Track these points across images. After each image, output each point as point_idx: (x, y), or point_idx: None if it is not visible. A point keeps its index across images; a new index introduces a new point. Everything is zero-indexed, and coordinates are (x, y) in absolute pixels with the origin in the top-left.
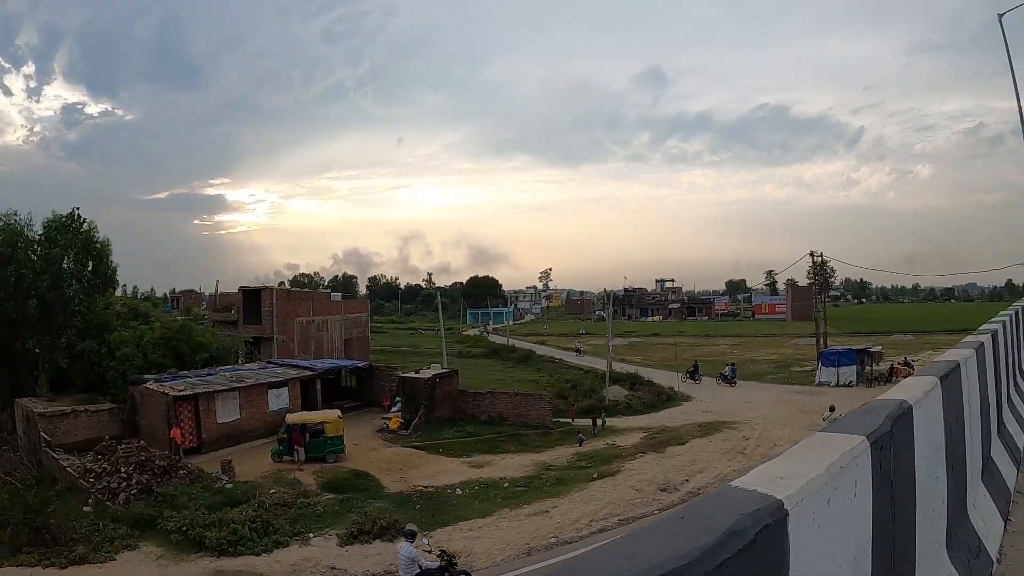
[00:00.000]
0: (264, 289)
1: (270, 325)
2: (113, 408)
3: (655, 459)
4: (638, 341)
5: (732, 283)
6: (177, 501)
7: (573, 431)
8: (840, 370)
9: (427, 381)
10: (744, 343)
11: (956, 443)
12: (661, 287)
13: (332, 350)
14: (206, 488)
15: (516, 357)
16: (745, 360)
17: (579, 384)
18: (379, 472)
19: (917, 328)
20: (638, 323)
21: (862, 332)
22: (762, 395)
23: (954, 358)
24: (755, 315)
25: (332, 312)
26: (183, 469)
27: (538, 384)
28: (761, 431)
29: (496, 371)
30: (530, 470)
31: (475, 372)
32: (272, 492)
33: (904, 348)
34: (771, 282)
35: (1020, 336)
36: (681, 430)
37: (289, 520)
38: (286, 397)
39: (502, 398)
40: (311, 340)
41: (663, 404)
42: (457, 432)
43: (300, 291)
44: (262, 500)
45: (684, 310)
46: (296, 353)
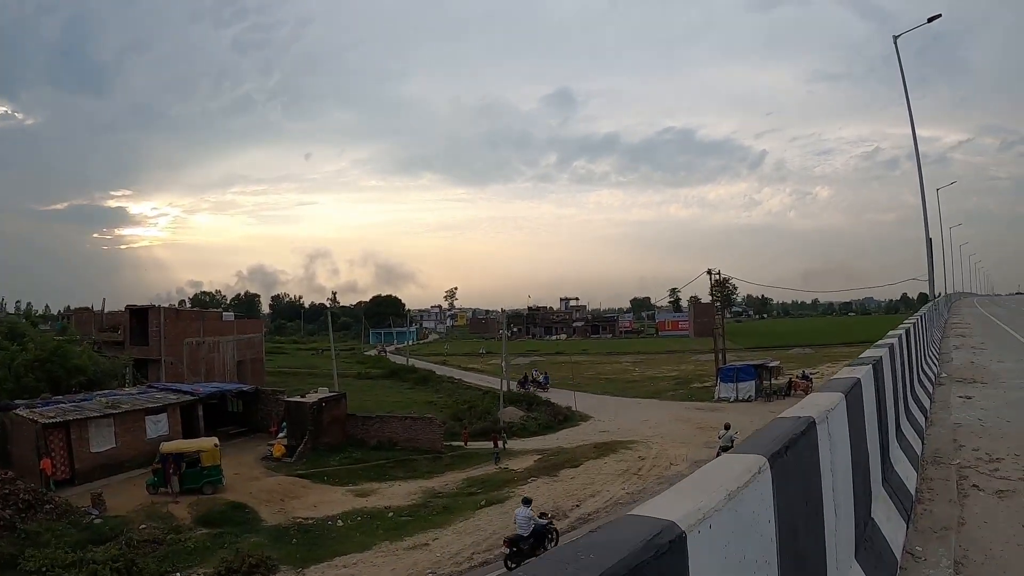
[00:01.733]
0: (151, 308)
1: (158, 346)
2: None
3: (547, 483)
4: (540, 360)
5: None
6: (41, 539)
7: (465, 456)
8: (739, 385)
9: (312, 406)
10: (646, 360)
11: (859, 454)
12: (565, 305)
13: (224, 372)
14: (73, 524)
15: (415, 378)
16: (646, 377)
17: (475, 405)
18: (258, 503)
19: (816, 342)
20: (541, 342)
21: (763, 346)
22: (661, 413)
23: (855, 374)
24: (659, 332)
25: (224, 333)
26: (50, 503)
27: (436, 406)
28: (658, 450)
29: (394, 393)
30: (417, 498)
31: (372, 394)
32: (143, 528)
33: (803, 361)
34: (674, 299)
35: (915, 347)
36: (576, 451)
37: (156, 559)
38: (165, 424)
39: (392, 422)
40: (202, 362)
41: (560, 424)
42: (344, 458)
43: (190, 311)
44: (130, 537)
45: (588, 328)
46: (186, 376)
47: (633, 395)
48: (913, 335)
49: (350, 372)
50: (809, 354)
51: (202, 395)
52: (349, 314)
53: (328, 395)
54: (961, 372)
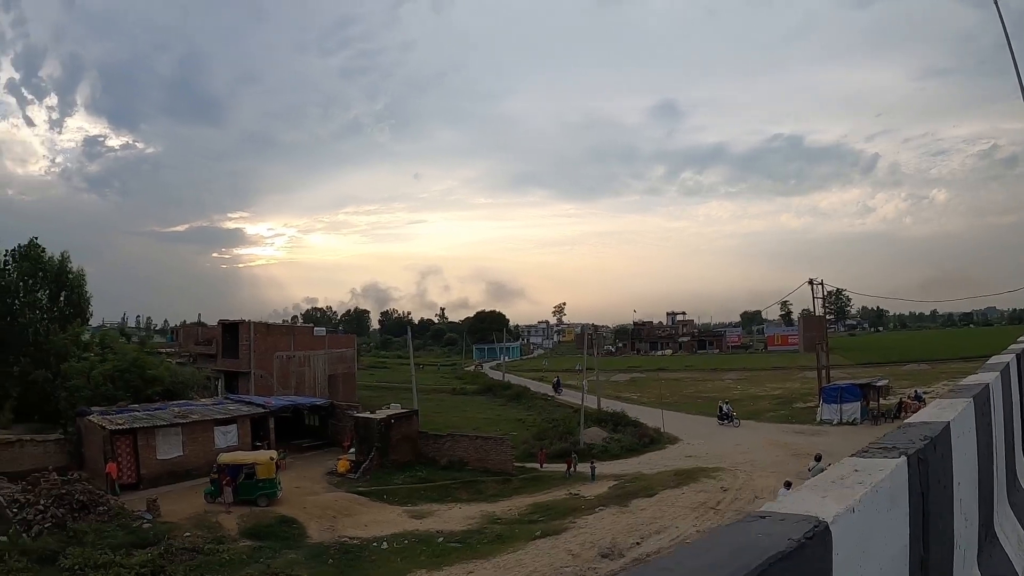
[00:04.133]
0: (241, 323)
1: (247, 359)
2: (60, 439)
3: (614, 514)
4: (640, 376)
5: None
6: (86, 538)
7: (538, 479)
8: (843, 407)
9: (380, 422)
10: (751, 377)
11: (986, 462)
12: (672, 320)
13: (315, 386)
14: (123, 527)
15: (509, 394)
16: (748, 396)
17: (561, 424)
18: (309, 519)
19: (933, 356)
20: (646, 357)
21: (876, 362)
22: (756, 436)
23: (983, 379)
24: (768, 347)
25: (315, 347)
26: (104, 505)
27: (524, 423)
28: (744, 480)
29: (486, 409)
30: (474, 523)
31: (463, 410)
32: (186, 535)
33: (917, 379)
34: (785, 312)
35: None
36: (655, 479)
37: (188, 568)
38: (235, 435)
39: (462, 441)
40: (292, 375)
41: (644, 447)
42: (409, 477)
43: (280, 325)
44: (170, 544)
45: (695, 343)
46: (275, 388)
47: None
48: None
49: (446, 387)
50: (924, 371)
51: (274, 408)
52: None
53: (399, 412)
54: None
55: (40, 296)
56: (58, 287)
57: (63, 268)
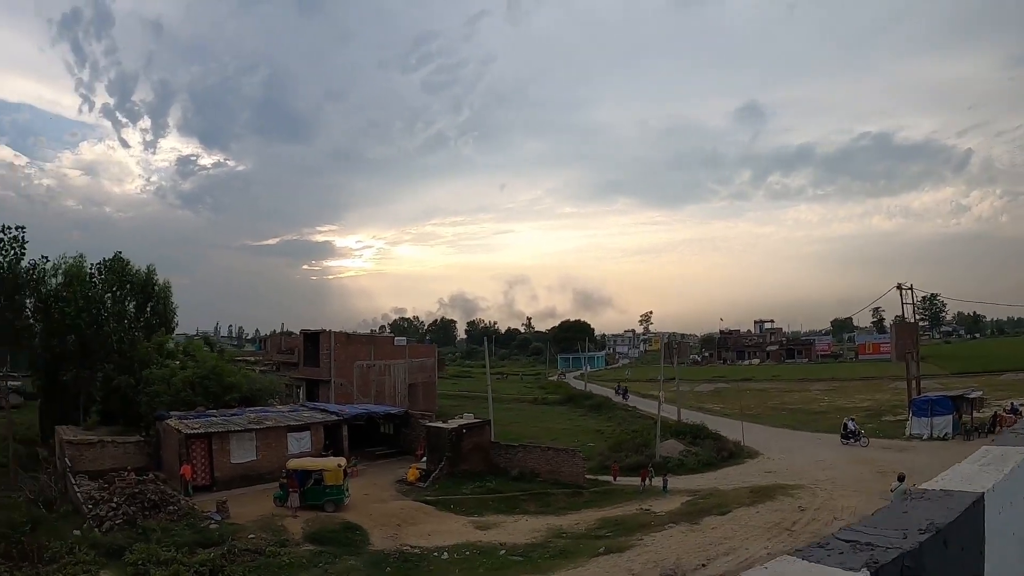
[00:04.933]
0: (322, 333)
1: (327, 368)
2: (140, 441)
3: (684, 532)
4: (725, 387)
5: (838, 322)
6: (153, 536)
7: (610, 492)
8: (934, 420)
9: (451, 432)
10: (839, 387)
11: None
12: (760, 328)
13: (395, 394)
14: (190, 526)
15: (590, 404)
16: (834, 408)
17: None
18: (373, 526)
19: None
20: (732, 367)
21: (972, 371)
22: (840, 451)
23: None
24: (858, 356)
25: (395, 356)
26: (174, 505)
27: (603, 434)
28: (824, 499)
29: (565, 419)
30: (540, 536)
31: (542, 420)
32: (251, 537)
33: (1015, 389)
34: (878, 319)
35: None
36: (729, 495)
37: (246, 568)
38: (308, 441)
39: (534, 452)
40: (372, 384)
41: (722, 462)
42: (478, 487)
43: (361, 335)
44: (234, 545)
45: (783, 352)
46: (355, 396)
47: (814, 429)
48: None
49: (528, 397)
50: (1023, 380)
51: (347, 416)
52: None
53: (471, 422)
54: None
55: (128, 307)
56: (145, 298)
57: (149, 280)
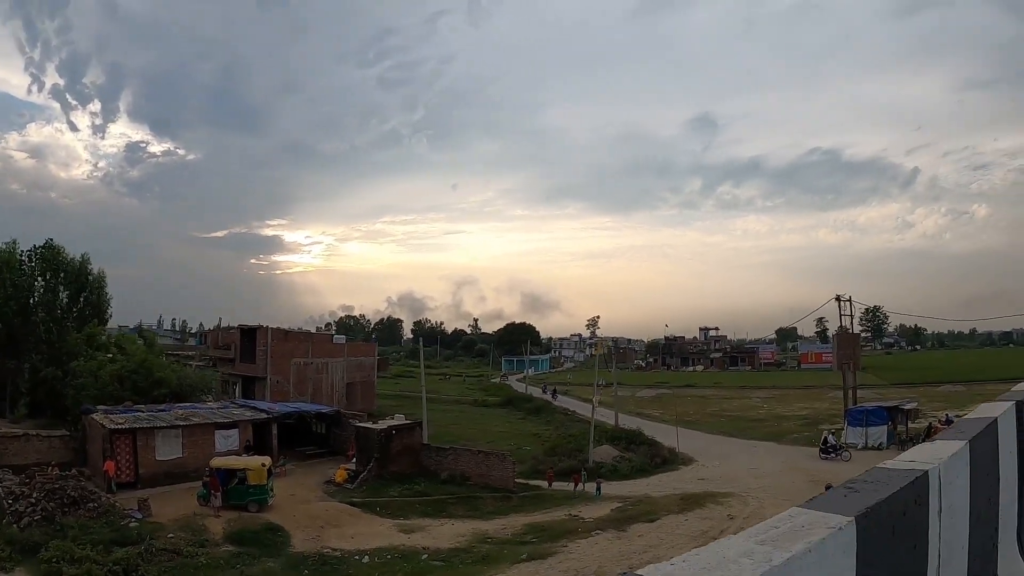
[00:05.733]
0: (259, 328)
1: (263, 365)
2: (65, 435)
3: (610, 539)
4: (666, 393)
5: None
6: (70, 533)
7: (541, 497)
8: (869, 430)
9: (381, 433)
10: (779, 396)
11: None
12: (704, 336)
13: (332, 393)
14: (110, 524)
15: (530, 408)
16: (773, 415)
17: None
18: (296, 527)
19: (971, 377)
20: (676, 373)
21: (910, 382)
22: (776, 459)
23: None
24: (801, 364)
25: (334, 354)
26: (94, 502)
27: (540, 438)
28: (753, 508)
29: (503, 422)
30: (464, 541)
31: (480, 422)
32: (170, 536)
33: (952, 400)
34: (821, 330)
35: None
36: (660, 502)
37: (162, 569)
38: (236, 439)
39: (465, 455)
40: (308, 382)
41: (656, 468)
42: (406, 490)
43: (299, 332)
44: (152, 544)
45: (726, 360)
46: (292, 394)
47: (751, 436)
48: None
49: (469, 399)
50: (960, 392)
51: (277, 414)
52: (488, 341)
53: (401, 423)
54: None
55: (60, 296)
56: (78, 288)
57: (83, 269)
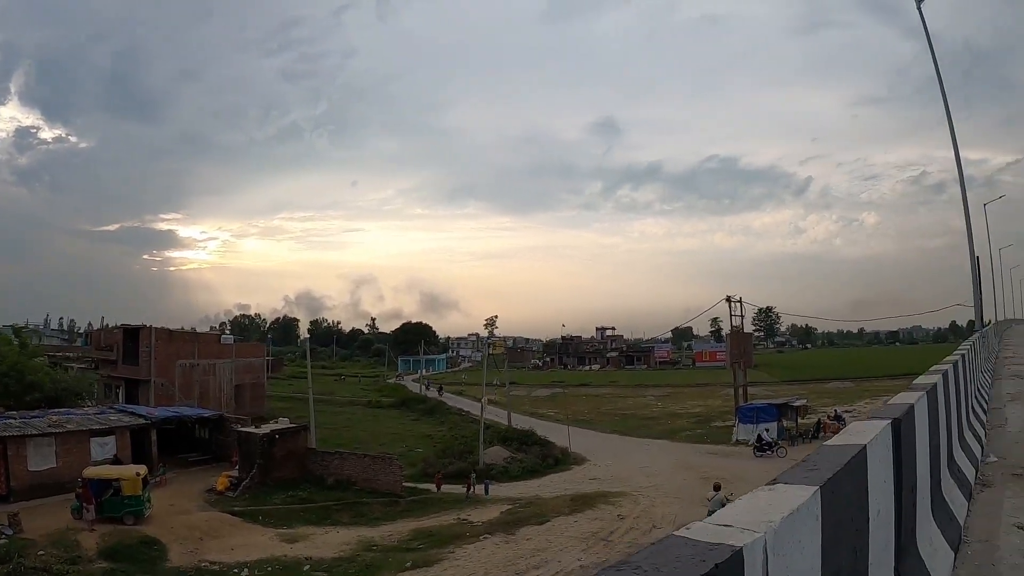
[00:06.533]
0: (142, 328)
1: (147, 367)
2: None
3: (498, 543)
4: (562, 392)
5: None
6: None
7: (429, 501)
8: (759, 427)
9: (263, 437)
10: (673, 394)
11: (907, 484)
12: (601, 335)
13: (220, 396)
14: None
15: (423, 408)
16: (667, 413)
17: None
18: (174, 540)
19: (858, 374)
20: (573, 372)
21: (801, 379)
22: (667, 457)
23: (907, 400)
24: (696, 363)
25: (221, 355)
26: None
27: (432, 439)
28: (644, 507)
29: (396, 423)
30: (349, 549)
31: (372, 424)
32: (40, 554)
33: (841, 397)
34: (716, 329)
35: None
36: (550, 504)
37: None
38: (113, 446)
39: (351, 460)
40: (195, 385)
41: (548, 468)
42: (290, 497)
43: (185, 332)
44: (20, 563)
45: (622, 359)
46: (177, 398)
47: (644, 434)
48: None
49: (363, 400)
50: (848, 388)
51: (157, 419)
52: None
53: (285, 427)
54: (1021, 453)
55: None
56: None
57: None
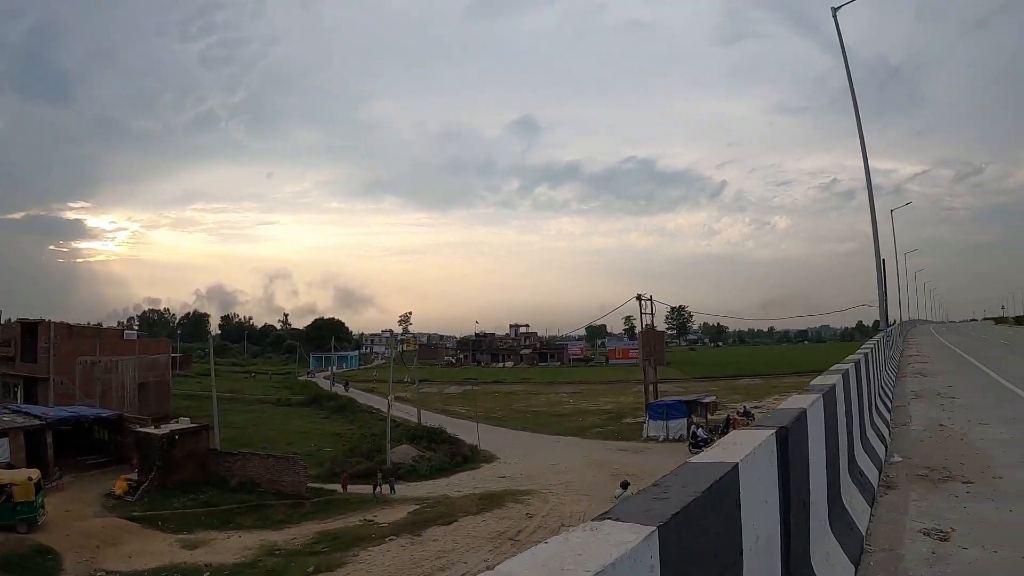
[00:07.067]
0: (40, 323)
1: (46, 364)
2: None
3: (403, 545)
4: (474, 389)
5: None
6: None
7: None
8: (669, 424)
9: (163, 438)
10: (586, 391)
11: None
12: (515, 332)
13: (124, 395)
14: None
15: (333, 406)
16: (579, 410)
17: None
18: (69, 548)
19: (768, 371)
20: (486, 369)
21: (712, 376)
22: (578, 454)
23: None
24: (609, 360)
25: (125, 352)
26: None
27: (342, 438)
28: (553, 505)
29: (305, 422)
30: (251, 554)
31: (280, 423)
32: None
33: (750, 393)
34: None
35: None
36: (458, 503)
37: None
38: (6, 449)
39: (254, 460)
40: (97, 383)
41: (457, 466)
42: (191, 501)
43: (85, 327)
44: None
45: (536, 356)
46: (78, 397)
47: (555, 431)
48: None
49: (272, 398)
50: (758, 384)
51: (52, 420)
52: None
53: (186, 427)
54: (925, 453)
55: None
56: None
57: None
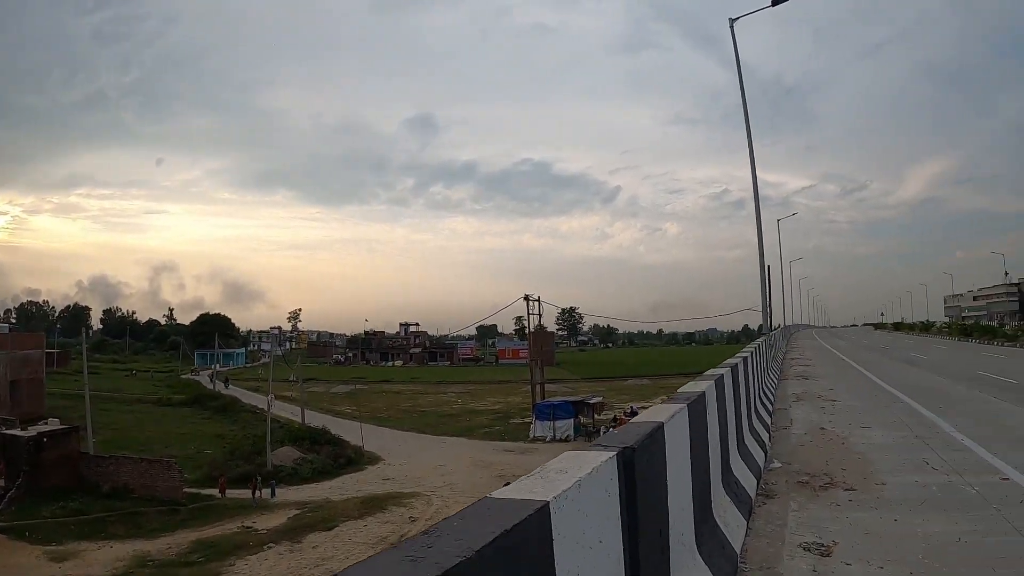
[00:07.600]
0: None
1: None
2: None
3: (282, 553)
4: (362, 388)
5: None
6: None
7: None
8: (556, 424)
9: (29, 441)
10: (475, 390)
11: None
12: (405, 331)
13: None
14: None
15: (216, 406)
16: (466, 411)
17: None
18: None
19: (656, 372)
20: (376, 368)
21: (600, 376)
22: (464, 455)
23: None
24: (499, 360)
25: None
26: None
27: (224, 439)
28: (437, 508)
29: (186, 423)
30: (122, 566)
31: (159, 424)
32: None
33: (638, 393)
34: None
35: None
36: (339, 507)
37: None
38: None
39: (127, 465)
40: None
41: (340, 469)
42: (60, 509)
43: None
44: None
45: (426, 355)
46: None
47: (442, 432)
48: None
49: (153, 397)
50: (646, 385)
51: None
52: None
53: (54, 428)
54: (806, 458)
55: None
56: None
57: None
